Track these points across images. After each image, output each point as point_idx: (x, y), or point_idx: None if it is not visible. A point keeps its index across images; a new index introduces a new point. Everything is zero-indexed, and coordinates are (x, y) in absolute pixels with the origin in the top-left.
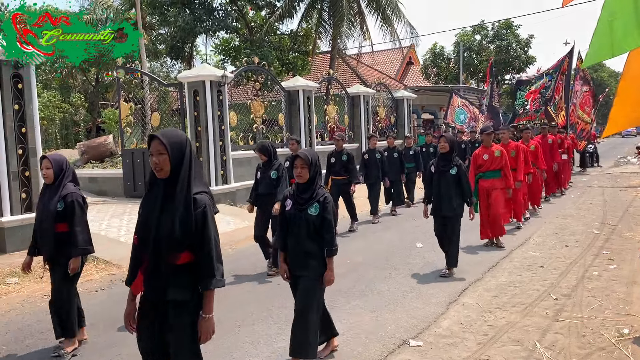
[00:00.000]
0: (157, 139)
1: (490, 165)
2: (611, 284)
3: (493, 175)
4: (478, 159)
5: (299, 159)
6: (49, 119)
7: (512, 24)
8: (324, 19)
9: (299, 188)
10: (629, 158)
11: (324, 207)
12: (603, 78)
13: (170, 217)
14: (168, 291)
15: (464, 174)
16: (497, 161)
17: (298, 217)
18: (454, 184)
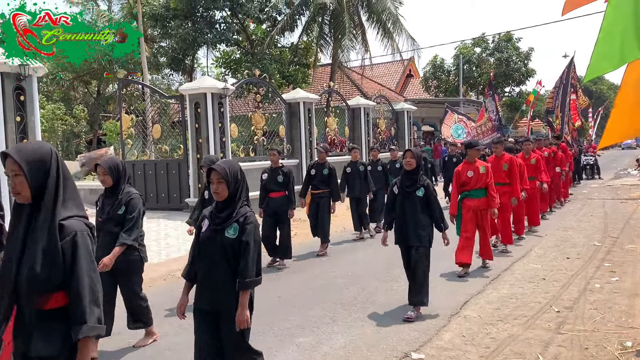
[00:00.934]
0: (9, 157)
1: (475, 183)
2: (613, 296)
3: (480, 194)
4: (461, 176)
5: (214, 172)
6: (50, 131)
7: (513, 37)
8: (325, 32)
9: (217, 206)
10: (629, 170)
11: (243, 229)
12: (602, 90)
13: (32, 251)
14: (31, 345)
15: (433, 195)
16: (483, 179)
17: (213, 240)
18: (422, 207)
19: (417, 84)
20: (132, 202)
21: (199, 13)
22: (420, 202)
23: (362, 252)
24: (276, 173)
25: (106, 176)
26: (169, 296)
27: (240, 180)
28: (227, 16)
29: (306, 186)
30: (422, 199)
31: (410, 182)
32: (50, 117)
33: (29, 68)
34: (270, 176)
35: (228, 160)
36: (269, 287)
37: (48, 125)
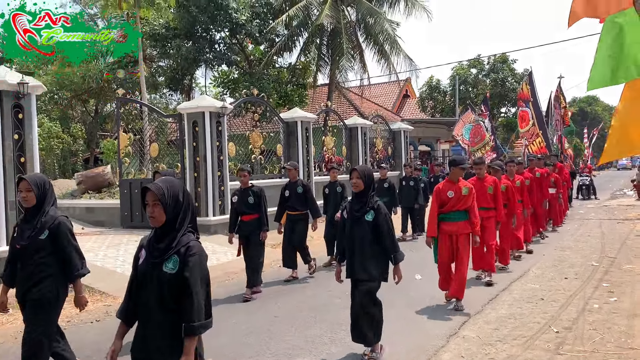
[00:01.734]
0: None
1: (455, 204)
2: (612, 316)
3: (459, 217)
4: (441, 195)
5: (148, 193)
6: (47, 149)
7: (508, 58)
8: (323, 53)
9: (155, 234)
10: (625, 191)
11: (185, 262)
12: (597, 112)
13: None
14: None
15: (385, 220)
16: (464, 200)
17: (149, 275)
18: (372, 234)
19: (414, 104)
20: (61, 229)
21: (199, 33)
22: (369, 228)
23: None
24: (246, 194)
25: (29, 193)
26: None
27: (183, 203)
28: (226, 36)
29: (281, 208)
30: (372, 224)
31: (359, 205)
32: (47, 136)
33: (28, 86)
34: (240, 198)
35: (168, 179)
36: (265, 307)
37: (45, 143)
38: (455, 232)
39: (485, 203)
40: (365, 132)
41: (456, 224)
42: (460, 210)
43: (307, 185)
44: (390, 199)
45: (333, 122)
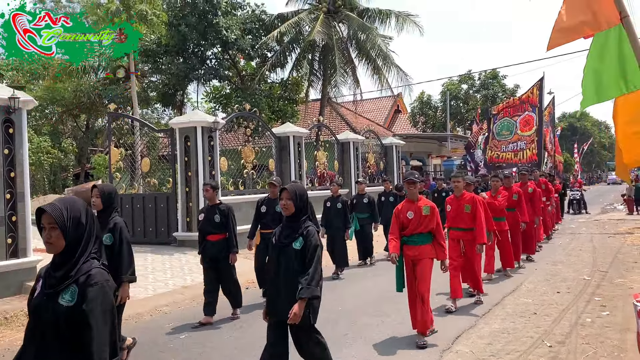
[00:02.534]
0: None
1: (416, 226)
2: (605, 330)
3: (422, 240)
4: (400, 216)
5: (44, 215)
6: (37, 164)
7: (498, 74)
8: (315, 68)
9: (53, 262)
10: (615, 205)
11: (84, 294)
12: (587, 127)
13: None
14: None
15: (312, 247)
16: (426, 221)
17: (44, 309)
18: (300, 266)
19: (405, 120)
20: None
21: (190, 49)
22: (297, 258)
23: (352, 286)
24: (212, 212)
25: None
26: (156, 332)
27: (85, 226)
28: (218, 52)
29: (255, 225)
30: (300, 254)
31: (288, 231)
32: (38, 150)
33: (19, 101)
34: (206, 216)
35: (69, 199)
36: (254, 325)
37: (35, 158)
38: (416, 256)
39: (462, 223)
40: (358, 147)
41: (418, 248)
42: (423, 233)
43: None
44: (370, 215)
45: (325, 137)
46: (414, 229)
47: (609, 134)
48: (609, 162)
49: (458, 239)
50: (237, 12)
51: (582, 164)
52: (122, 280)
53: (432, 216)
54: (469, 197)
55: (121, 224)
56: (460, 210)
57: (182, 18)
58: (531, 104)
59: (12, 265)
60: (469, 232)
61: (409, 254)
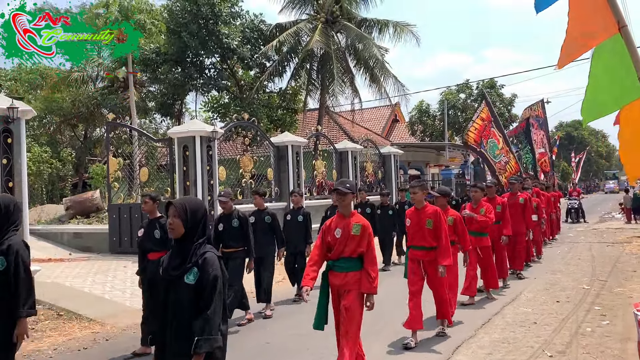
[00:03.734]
0: None
1: (342, 248)
2: (605, 340)
3: (350, 266)
4: (327, 234)
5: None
6: (36, 174)
7: (496, 84)
8: (313, 78)
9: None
10: (613, 214)
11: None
12: (584, 136)
13: None
14: None
15: (213, 280)
16: (354, 243)
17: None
18: (194, 305)
19: (403, 129)
20: None
21: (189, 58)
22: (191, 294)
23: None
24: (153, 227)
25: None
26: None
27: None
28: (216, 62)
29: (215, 245)
30: (194, 289)
31: (178, 259)
32: (37, 160)
33: (18, 111)
34: (146, 232)
35: None
36: (256, 334)
37: (35, 168)
38: (343, 287)
39: (423, 241)
40: (356, 156)
41: (345, 276)
42: (353, 257)
43: (244, 218)
44: None
45: (323, 146)
46: (339, 252)
47: (605, 142)
48: (607, 171)
49: (418, 259)
50: (237, 21)
51: (581, 172)
52: (20, 315)
53: (363, 237)
54: (432, 211)
55: (17, 246)
56: (422, 226)
57: (184, 26)
58: (488, 120)
59: None
60: (431, 252)
61: (334, 283)
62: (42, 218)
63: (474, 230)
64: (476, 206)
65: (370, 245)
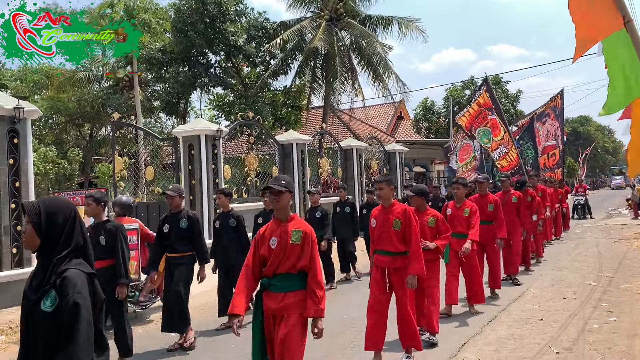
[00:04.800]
0: None
1: (278, 262)
2: (612, 336)
3: (287, 286)
4: (261, 246)
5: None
6: (42, 174)
7: (501, 80)
8: (317, 76)
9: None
10: (620, 210)
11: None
12: (590, 132)
13: None
14: None
15: (72, 308)
16: (295, 254)
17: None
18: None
19: (408, 126)
20: None
21: (194, 57)
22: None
23: (357, 294)
24: (98, 232)
25: None
26: (162, 341)
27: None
28: (221, 60)
29: (158, 249)
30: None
31: (37, 279)
32: (43, 160)
33: (24, 111)
34: (92, 237)
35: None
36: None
37: (42, 167)
38: (279, 311)
39: (389, 245)
40: (361, 153)
41: (282, 297)
42: (292, 274)
43: (193, 217)
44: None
45: (328, 144)
46: (275, 267)
47: (612, 138)
48: (613, 167)
49: (383, 267)
50: (242, 19)
51: (587, 168)
52: None
53: (304, 247)
54: (400, 210)
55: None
56: (388, 227)
57: (191, 24)
58: (486, 107)
59: (17, 275)
60: (398, 258)
61: (270, 307)
62: None
63: (458, 232)
64: (459, 205)
65: (314, 257)
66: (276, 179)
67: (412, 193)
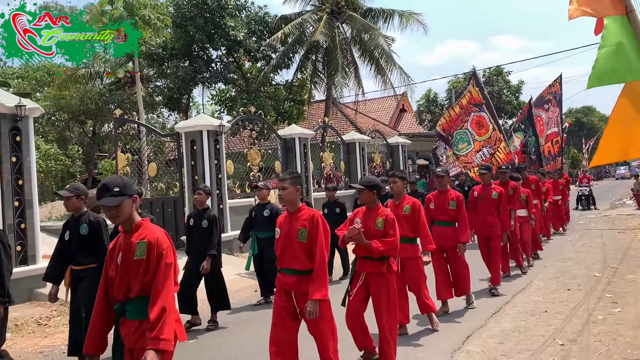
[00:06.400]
0: None
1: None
2: (617, 327)
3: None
4: (110, 264)
5: None
6: (46, 171)
7: (503, 71)
8: (319, 69)
9: None
10: (624, 200)
11: None
12: (593, 122)
13: None
14: None
15: None
16: (142, 272)
17: None
18: None
19: (411, 119)
20: None
21: (195, 52)
22: None
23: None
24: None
25: None
26: None
27: None
28: (223, 55)
29: (58, 261)
30: None
31: None
32: (46, 157)
33: (26, 109)
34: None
35: None
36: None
37: (44, 165)
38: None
39: (294, 261)
40: (363, 147)
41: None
42: (145, 296)
43: (95, 222)
44: None
45: (331, 138)
46: (125, 289)
47: None
48: None
49: (288, 290)
50: (242, 13)
51: (589, 159)
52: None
53: (150, 262)
54: (307, 216)
55: None
56: (292, 239)
57: (190, 19)
58: (475, 103)
59: (21, 272)
60: (305, 278)
61: (126, 336)
62: (53, 215)
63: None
64: (398, 202)
65: (167, 275)
66: (103, 189)
67: (362, 186)
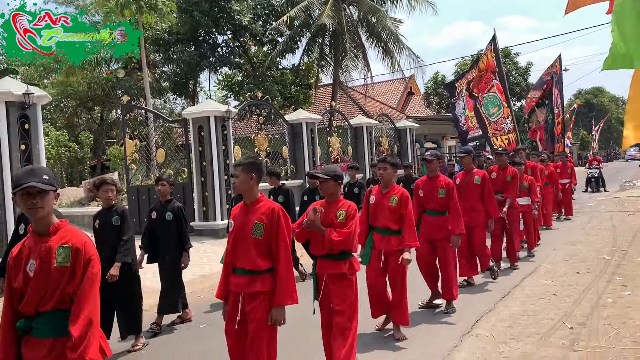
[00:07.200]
0: None
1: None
2: (626, 311)
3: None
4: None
5: None
6: (56, 158)
7: (511, 52)
8: (325, 53)
9: None
10: (634, 182)
11: None
12: (603, 103)
13: None
14: None
15: None
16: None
17: None
18: None
19: (419, 102)
20: None
21: (201, 37)
22: None
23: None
24: None
25: None
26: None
27: None
28: (228, 39)
29: None
30: None
31: None
32: (55, 144)
33: (34, 97)
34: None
35: None
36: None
37: (54, 152)
38: None
39: (246, 260)
40: (371, 131)
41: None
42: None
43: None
44: None
45: (338, 122)
46: (36, 302)
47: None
48: None
49: (237, 292)
50: None
51: (599, 140)
52: None
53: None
54: (266, 209)
55: None
56: (247, 234)
57: (196, 4)
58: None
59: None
60: (257, 279)
61: None
62: (63, 201)
63: (382, 226)
64: (386, 191)
65: (93, 285)
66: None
67: (327, 176)
